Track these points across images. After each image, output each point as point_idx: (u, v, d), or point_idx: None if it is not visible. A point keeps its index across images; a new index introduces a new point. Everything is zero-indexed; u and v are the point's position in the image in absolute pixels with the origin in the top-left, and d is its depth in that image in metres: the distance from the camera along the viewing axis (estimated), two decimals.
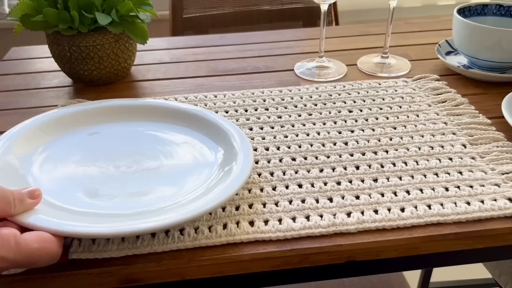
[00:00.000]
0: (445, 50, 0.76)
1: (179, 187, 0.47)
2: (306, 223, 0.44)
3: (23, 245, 0.35)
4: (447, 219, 0.44)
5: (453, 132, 0.57)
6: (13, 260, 0.34)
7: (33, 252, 0.35)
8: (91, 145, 0.53)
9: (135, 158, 0.51)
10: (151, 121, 0.57)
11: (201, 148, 0.53)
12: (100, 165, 0.50)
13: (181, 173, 0.49)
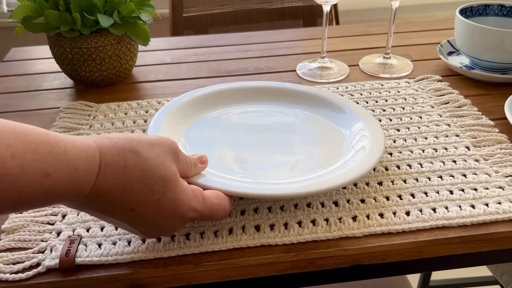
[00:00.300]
0: (447, 51, 0.76)
1: (319, 161, 0.51)
2: (312, 227, 0.44)
3: (207, 199, 0.40)
4: (452, 223, 0.44)
5: (456, 134, 0.57)
6: (200, 211, 0.40)
7: (214, 206, 0.41)
8: (228, 125, 0.57)
9: (271, 135, 0.56)
10: (276, 102, 0.61)
11: (327, 125, 0.57)
12: (242, 141, 0.54)
13: (316, 148, 0.54)
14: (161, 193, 0.37)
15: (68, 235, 0.44)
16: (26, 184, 0.30)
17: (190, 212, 0.39)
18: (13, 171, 0.30)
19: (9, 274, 0.40)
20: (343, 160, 0.50)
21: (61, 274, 0.40)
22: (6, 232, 0.44)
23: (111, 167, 0.35)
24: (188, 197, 0.39)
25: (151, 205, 0.37)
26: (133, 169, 0.36)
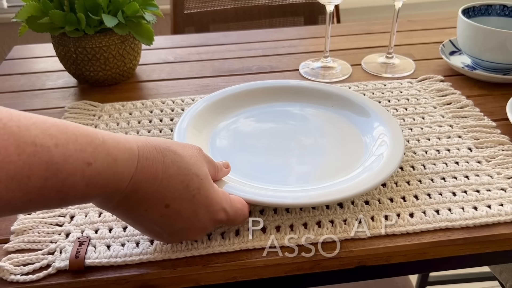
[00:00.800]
0: (449, 50, 0.77)
1: (338, 165, 0.51)
2: (317, 229, 0.45)
3: (233, 202, 0.42)
4: (455, 225, 0.45)
5: (458, 135, 0.58)
6: (228, 213, 0.41)
7: (238, 210, 0.42)
8: (249, 126, 0.58)
9: (292, 136, 0.56)
10: (296, 101, 0.63)
11: (348, 127, 0.58)
12: (263, 143, 0.55)
13: (335, 150, 0.54)
14: (196, 189, 0.38)
15: (77, 237, 0.44)
16: (70, 173, 0.31)
17: (220, 212, 0.40)
18: (57, 160, 0.30)
19: (20, 275, 0.41)
20: (361, 167, 0.50)
21: (71, 276, 0.41)
22: (15, 233, 0.45)
23: (149, 160, 0.36)
24: (220, 197, 0.40)
25: (186, 201, 0.38)
26: (171, 165, 0.37)
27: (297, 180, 0.50)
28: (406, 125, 0.60)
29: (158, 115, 0.63)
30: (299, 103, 0.62)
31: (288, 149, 0.54)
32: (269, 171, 0.51)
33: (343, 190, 0.46)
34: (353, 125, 0.58)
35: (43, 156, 0.30)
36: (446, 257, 0.45)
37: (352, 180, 0.48)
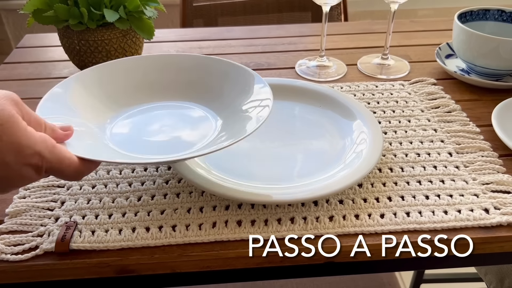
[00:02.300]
0: (445, 53, 0.77)
1: (317, 164, 0.53)
2: (290, 225, 0.47)
3: (58, 148, 0.38)
4: (423, 227, 0.47)
5: (441, 139, 0.59)
6: (47, 158, 0.37)
7: (64, 159, 0.38)
8: None
9: (276, 134, 0.58)
10: (284, 99, 0.64)
11: (332, 127, 0.60)
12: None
13: (318, 150, 0.56)
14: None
15: (65, 221, 0.48)
16: None
17: (34, 156, 0.36)
18: None
19: (10, 255, 0.44)
20: (339, 166, 0.52)
21: (57, 257, 0.44)
22: (9, 215, 0.49)
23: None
24: (31, 140, 0.36)
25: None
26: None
27: (276, 177, 0.52)
28: (391, 128, 0.61)
29: None
30: (287, 102, 0.64)
31: (270, 147, 0.57)
32: (249, 167, 0.53)
33: (318, 189, 0.48)
34: (337, 125, 0.60)
35: None
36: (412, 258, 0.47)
37: (328, 179, 0.50)
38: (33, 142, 0.36)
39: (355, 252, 0.46)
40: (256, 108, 0.52)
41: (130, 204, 0.50)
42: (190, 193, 0.51)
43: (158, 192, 0.51)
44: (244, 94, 0.55)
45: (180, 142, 0.53)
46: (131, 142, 0.52)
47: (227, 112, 0.55)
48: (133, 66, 0.60)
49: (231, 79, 0.58)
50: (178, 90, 0.59)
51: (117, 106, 0.57)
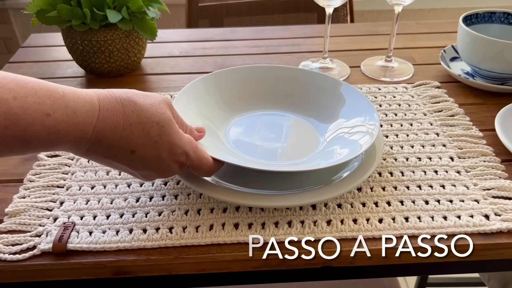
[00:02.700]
0: (450, 56, 0.77)
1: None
2: (287, 229, 0.47)
3: (199, 149, 0.45)
4: (422, 233, 0.46)
5: (443, 143, 0.58)
6: (191, 157, 0.44)
7: (202, 158, 0.45)
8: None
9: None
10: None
11: None
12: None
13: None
14: (157, 136, 0.41)
15: (63, 222, 0.48)
16: (29, 123, 0.35)
17: (182, 155, 0.43)
18: (15, 111, 0.34)
19: (8, 254, 0.44)
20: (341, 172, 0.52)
21: (54, 258, 0.44)
22: (9, 215, 0.49)
23: (110, 112, 0.39)
24: (183, 142, 0.43)
25: (149, 147, 0.41)
26: (131, 115, 0.40)
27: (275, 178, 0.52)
28: (393, 131, 0.61)
29: None
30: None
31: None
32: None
33: (317, 193, 0.48)
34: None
35: (1, 108, 0.33)
36: (411, 263, 0.47)
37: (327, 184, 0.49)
38: (183, 143, 0.43)
39: (352, 257, 0.45)
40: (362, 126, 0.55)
41: (128, 205, 0.50)
42: (188, 195, 0.51)
43: (156, 194, 0.51)
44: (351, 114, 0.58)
45: (290, 151, 0.57)
46: (245, 145, 0.56)
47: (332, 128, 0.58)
48: (250, 74, 0.64)
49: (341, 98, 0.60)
50: (290, 101, 0.63)
51: (232, 110, 0.61)
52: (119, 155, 0.41)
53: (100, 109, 0.39)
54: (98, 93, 0.40)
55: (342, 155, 0.50)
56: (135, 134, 0.40)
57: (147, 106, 0.41)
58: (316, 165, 0.49)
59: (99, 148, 0.40)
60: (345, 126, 0.56)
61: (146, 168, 0.43)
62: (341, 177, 0.50)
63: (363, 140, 0.52)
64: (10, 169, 0.56)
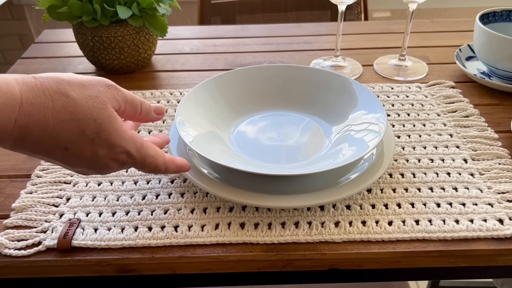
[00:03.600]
0: (466, 55, 0.75)
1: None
2: (294, 229, 0.46)
3: (144, 147, 0.41)
4: (432, 236, 0.45)
5: (457, 145, 0.57)
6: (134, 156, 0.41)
7: (147, 157, 0.42)
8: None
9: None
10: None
11: None
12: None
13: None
14: (94, 134, 0.37)
15: (68, 218, 0.48)
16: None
17: (122, 154, 0.40)
18: None
19: (13, 250, 0.44)
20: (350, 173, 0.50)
21: (58, 254, 0.44)
22: (15, 210, 0.49)
23: (35, 106, 0.35)
24: (124, 140, 0.39)
25: (85, 144, 0.37)
26: (62, 111, 0.36)
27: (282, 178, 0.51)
28: (405, 132, 0.59)
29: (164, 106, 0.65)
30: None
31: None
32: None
33: (325, 194, 0.47)
34: None
35: None
36: (421, 267, 0.45)
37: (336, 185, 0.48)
38: (125, 141, 0.39)
39: (360, 260, 0.44)
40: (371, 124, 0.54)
41: (134, 203, 0.50)
42: (194, 193, 0.51)
43: (162, 191, 0.51)
44: (356, 109, 0.57)
45: (295, 152, 0.55)
46: (251, 147, 0.55)
47: (340, 127, 0.57)
48: (253, 75, 0.63)
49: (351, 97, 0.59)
50: (296, 101, 0.62)
51: (236, 113, 0.60)
52: (51, 151, 0.37)
53: (22, 103, 0.34)
54: (22, 82, 0.35)
55: (351, 155, 0.49)
56: (68, 131, 0.36)
57: (82, 100, 0.37)
58: (324, 166, 0.48)
59: (26, 144, 0.36)
60: (353, 124, 0.55)
61: (82, 165, 0.39)
62: (350, 178, 0.49)
63: (371, 140, 0.50)
64: (18, 164, 0.56)
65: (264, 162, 0.53)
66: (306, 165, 0.52)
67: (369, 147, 0.49)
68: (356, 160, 0.48)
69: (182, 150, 0.53)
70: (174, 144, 0.54)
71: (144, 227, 0.47)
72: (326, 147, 0.54)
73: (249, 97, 0.62)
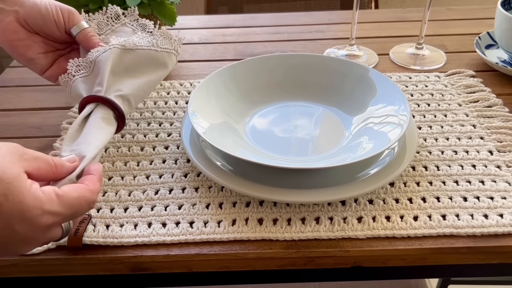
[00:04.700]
0: (485, 43, 0.72)
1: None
2: (315, 225, 0.44)
3: (64, 196, 0.34)
4: (461, 232, 0.43)
5: (481, 136, 0.55)
6: (60, 213, 0.34)
7: (74, 201, 0.35)
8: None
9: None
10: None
11: None
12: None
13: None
14: (2, 196, 0.31)
15: None
16: None
17: (44, 216, 0.33)
18: None
19: None
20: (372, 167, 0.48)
21: (69, 252, 0.42)
22: None
23: None
24: (38, 200, 0.33)
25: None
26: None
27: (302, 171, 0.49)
28: (426, 122, 0.57)
29: (174, 97, 0.63)
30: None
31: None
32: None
33: (346, 188, 0.45)
34: None
35: None
36: (447, 265, 0.43)
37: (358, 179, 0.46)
38: (40, 201, 0.33)
39: (385, 257, 0.42)
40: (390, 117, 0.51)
41: (147, 198, 0.47)
42: (209, 187, 0.48)
43: (176, 186, 0.49)
44: (376, 98, 0.55)
45: (314, 144, 0.53)
46: (267, 140, 0.53)
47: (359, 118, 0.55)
48: (272, 64, 0.60)
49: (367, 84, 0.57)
50: (313, 91, 0.59)
51: (250, 104, 0.58)
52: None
53: None
54: None
55: (374, 148, 0.47)
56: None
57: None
58: (347, 159, 0.46)
59: None
60: (373, 117, 0.53)
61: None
62: (372, 171, 0.47)
63: (391, 131, 0.48)
64: None
65: (281, 154, 0.50)
66: (326, 157, 0.49)
67: (391, 139, 0.46)
68: (379, 153, 0.45)
69: (195, 142, 0.51)
70: (187, 136, 0.52)
71: (158, 223, 0.45)
72: (346, 139, 0.52)
73: (264, 87, 0.59)
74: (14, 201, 0.31)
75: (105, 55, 0.49)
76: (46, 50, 0.51)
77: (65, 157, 0.40)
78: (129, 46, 0.50)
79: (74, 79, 0.49)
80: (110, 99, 0.46)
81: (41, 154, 0.36)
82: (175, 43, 0.54)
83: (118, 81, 0.49)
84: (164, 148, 0.54)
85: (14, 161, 0.33)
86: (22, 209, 0.32)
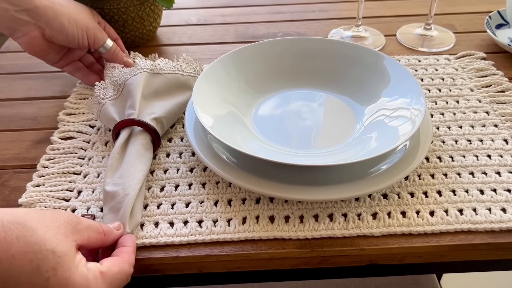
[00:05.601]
0: (496, 23, 0.70)
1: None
2: (328, 223, 0.42)
3: (107, 273, 0.34)
4: (479, 228, 0.42)
5: (495, 124, 0.53)
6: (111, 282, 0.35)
7: (115, 276, 0.35)
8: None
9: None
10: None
11: None
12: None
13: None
14: (51, 270, 0.30)
15: (81, 214, 0.44)
16: None
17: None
18: None
19: None
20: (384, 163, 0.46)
21: None
22: (23, 206, 0.45)
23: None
24: (85, 278, 0.32)
25: (38, 286, 0.30)
26: (15, 241, 0.30)
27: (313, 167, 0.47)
28: (438, 109, 0.55)
29: None
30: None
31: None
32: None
33: (360, 185, 0.43)
34: None
35: None
36: (464, 261, 0.42)
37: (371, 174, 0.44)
38: (87, 279, 0.32)
39: (402, 255, 0.41)
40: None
41: (152, 195, 0.46)
42: (217, 183, 0.47)
43: (182, 182, 0.47)
44: (387, 87, 0.53)
45: (325, 136, 0.51)
46: (275, 132, 0.51)
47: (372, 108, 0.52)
48: (273, 49, 0.57)
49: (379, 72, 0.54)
50: (322, 78, 0.57)
51: (256, 92, 0.56)
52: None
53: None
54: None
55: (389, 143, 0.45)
56: (17, 268, 0.29)
57: (41, 229, 0.31)
58: (361, 155, 0.44)
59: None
60: (386, 109, 0.51)
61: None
62: (383, 167, 0.45)
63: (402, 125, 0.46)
64: (21, 153, 0.51)
65: (292, 148, 0.48)
66: (338, 151, 0.47)
67: (406, 134, 0.44)
68: (393, 148, 0.43)
69: (199, 134, 0.49)
70: (191, 127, 0.49)
71: (165, 222, 0.43)
72: (357, 131, 0.50)
73: (272, 74, 0.57)
74: (62, 277, 0.31)
75: (135, 79, 0.50)
76: (62, 51, 0.57)
77: (111, 225, 0.40)
78: (156, 70, 0.52)
79: (104, 103, 0.49)
80: (148, 123, 0.47)
81: (92, 222, 0.36)
82: (197, 68, 0.56)
83: (149, 104, 0.50)
84: (167, 141, 0.52)
85: (67, 233, 0.33)
86: (67, 284, 0.31)
